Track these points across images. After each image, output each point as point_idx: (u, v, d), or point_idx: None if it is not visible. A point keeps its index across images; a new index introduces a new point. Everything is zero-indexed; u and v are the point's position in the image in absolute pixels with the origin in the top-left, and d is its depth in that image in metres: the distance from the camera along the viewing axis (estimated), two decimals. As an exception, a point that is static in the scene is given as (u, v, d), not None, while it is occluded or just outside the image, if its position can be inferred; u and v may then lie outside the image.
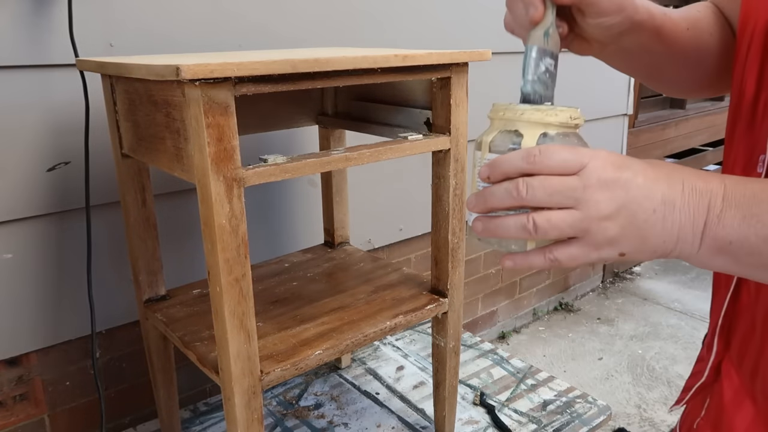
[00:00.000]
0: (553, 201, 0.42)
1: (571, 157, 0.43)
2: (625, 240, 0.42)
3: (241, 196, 0.77)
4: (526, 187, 0.43)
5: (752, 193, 0.40)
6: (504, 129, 0.49)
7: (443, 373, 1.16)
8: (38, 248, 1.16)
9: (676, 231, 0.42)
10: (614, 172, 0.42)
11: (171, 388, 1.16)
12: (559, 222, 0.42)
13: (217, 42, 1.29)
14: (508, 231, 0.44)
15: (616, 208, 0.41)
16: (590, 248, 0.43)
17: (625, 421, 1.98)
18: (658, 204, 0.42)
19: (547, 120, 0.48)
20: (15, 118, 1.08)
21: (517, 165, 0.43)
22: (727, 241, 0.40)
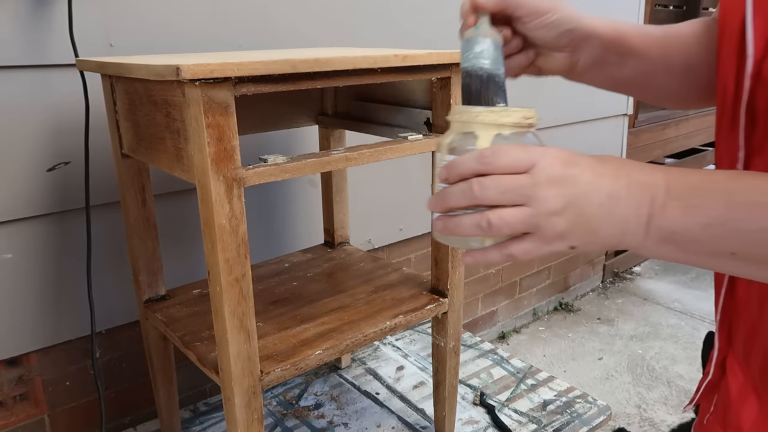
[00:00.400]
0: (506, 199, 0.44)
1: (521, 156, 0.45)
2: (574, 234, 0.44)
3: (241, 196, 0.77)
4: (479, 187, 0.45)
5: (693, 184, 0.42)
6: (461, 131, 0.51)
7: (443, 373, 1.16)
8: (38, 248, 1.16)
9: (622, 223, 0.44)
10: (563, 169, 0.44)
11: (171, 388, 1.16)
12: (511, 219, 0.44)
13: (218, 42, 1.29)
14: (465, 229, 0.46)
15: (564, 203, 0.43)
16: (542, 242, 0.45)
17: (625, 421, 1.98)
18: (604, 198, 0.43)
19: (500, 121, 0.49)
20: (15, 118, 1.08)
21: (471, 166, 0.46)
22: (671, 231, 0.42)
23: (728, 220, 0.40)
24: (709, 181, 0.42)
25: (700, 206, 0.41)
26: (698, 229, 0.41)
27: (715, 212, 0.41)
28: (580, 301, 2.75)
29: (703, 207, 0.41)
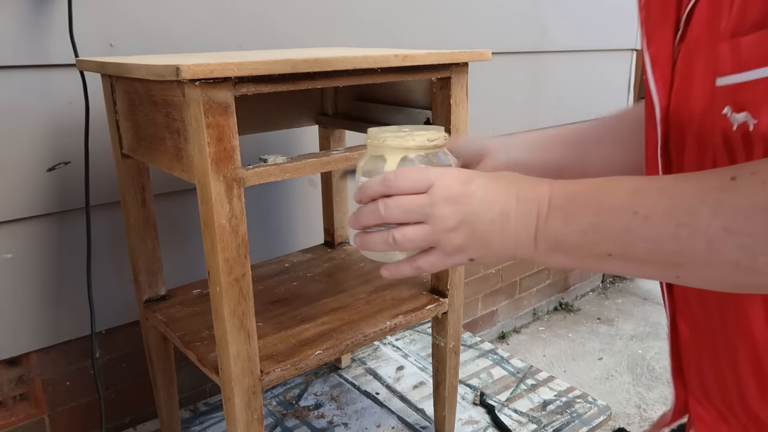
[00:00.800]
0: (407, 218, 0.49)
1: (419, 177, 0.49)
2: (470, 247, 0.49)
3: (241, 196, 0.77)
4: (384, 208, 0.50)
5: (570, 194, 0.46)
6: (373, 154, 0.57)
7: (443, 373, 1.16)
8: (38, 248, 1.16)
9: (513, 238, 0.47)
10: (458, 188, 0.48)
11: (171, 388, 1.16)
12: (413, 236, 0.49)
13: (218, 42, 1.29)
14: (375, 245, 0.52)
15: (459, 220, 0.48)
16: (444, 256, 0.50)
17: (625, 421, 1.98)
18: (495, 215, 0.48)
19: (405, 144, 0.55)
20: (15, 118, 1.08)
21: (377, 188, 0.51)
22: (555, 241, 0.46)
23: (599, 225, 0.43)
24: (583, 190, 0.46)
25: (576, 215, 0.45)
26: (577, 236, 0.44)
27: (588, 218, 0.44)
28: (580, 301, 2.75)
29: (578, 215, 0.45)
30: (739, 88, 0.42)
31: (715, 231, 0.38)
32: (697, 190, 0.40)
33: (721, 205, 0.38)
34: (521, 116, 2.07)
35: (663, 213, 0.40)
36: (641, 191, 0.42)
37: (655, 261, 0.42)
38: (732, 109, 0.42)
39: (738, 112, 0.42)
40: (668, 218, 0.40)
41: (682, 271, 0.41)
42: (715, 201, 0.38)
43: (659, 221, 0.40)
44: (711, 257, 0.39)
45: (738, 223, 0.37)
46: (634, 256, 0.43)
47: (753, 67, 0.40)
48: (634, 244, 0.42)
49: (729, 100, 0.42)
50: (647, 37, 0.53)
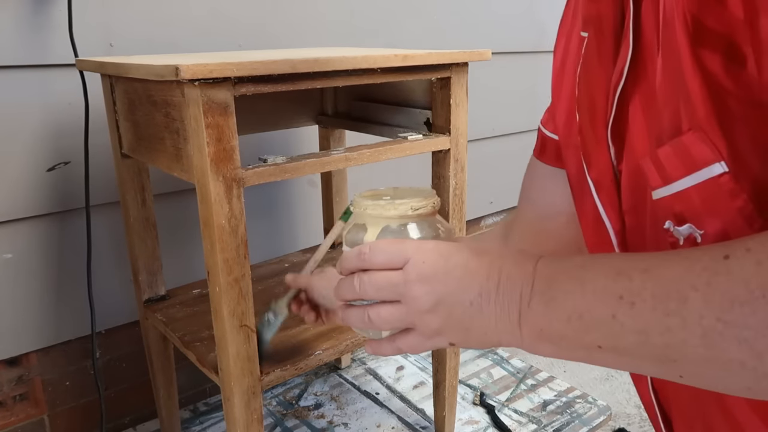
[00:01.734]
0: (381, 296, 0.45)
1: (394, 252, 0.45)
2: (449, 331, 0.44)
3: (240, 196, 0.77)
4: (359, 283, 0.46)
5: (553, 275, 0.40)
6: (356, 222, 0.53)
7: (443, 373, 1.16)
8: (38, 248, 1.16)
9: (494, 322, 0.42)
10: (434, 265, 0.43)
11: (171, 388, 1.16)
12: (387, 316, 0.45)
13: (217, 42, 1.29)
14: (353, 322, 0.48)
15: (434, 302, 0.43)
16: (423, 338, 0.45)
17: (625, 421, 1.98)
18: (474, 296, 0.42)
19: (386, 214, 0.50)
20: (15, 118, 1.08)
21: (353, 262, 0.47)
22: (539, 329, 0.40)
23: (584, 312, 0.37)
24: (566, 269, 0.40)
25: (558, 299, 0.39)
26: (560, 324, 0.39)
27: (571, 303, 0.38)
28: (581, 301, 2.75)
29: (560, 299, 0.39)
30: (672, 201, 0.38)
31: (709, 322, 0.32)
32: (686, 271, 0.34)
33: (713, 290, 0.32)
34: (521, 116, 2.07)
35: (650, 299, 0.34)
36: (626, 272, 0.36)
37: (649, 356, 0.36)
38: (674, 223, 0.39)
39: (680, 225, 0.39)
40: (656, 305, 0.34)
41: (681, 369, 0.35)
42: (705, 285, 0.33)
43: (646, 309, 0.35)
44: (709, 354, 0.33)
45: (734, 314, 0.31)
46: (626, 350, 0.36)
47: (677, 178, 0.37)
48: (622, 336, 0.36)
49: (668, 214, 0.39)
50: (586, 162, 0.51)
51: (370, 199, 0.52)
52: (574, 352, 0.40)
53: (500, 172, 2.03)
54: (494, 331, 0.42)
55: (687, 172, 0.37)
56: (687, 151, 0.36)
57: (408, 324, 0.45)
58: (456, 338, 0.44)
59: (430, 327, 0.44)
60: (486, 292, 0.42)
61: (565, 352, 0.40)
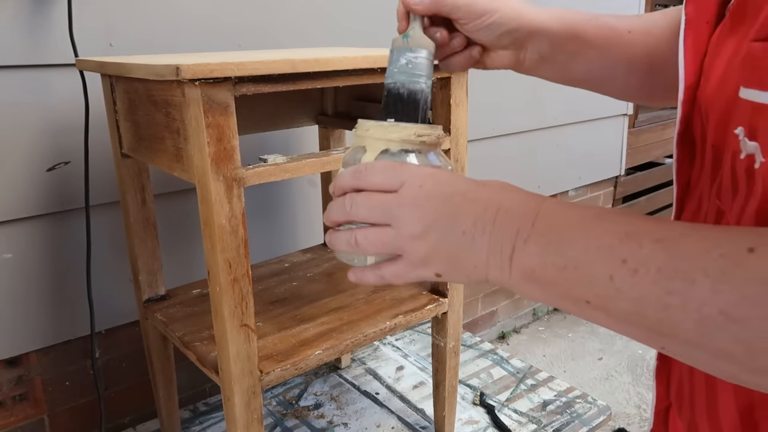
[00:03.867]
0: (373, 217, 0.43)
1: (391, 173, 0.43)
2: (436, 260, 0.42)
3: (241, 196, 0.77)
4: (351, 203, 0.43)
5: (559, 220, 0.38)
6: (356, 145, 0.51)
7: (443, 373, 1.16)
8: (38, 248, 1.16)
9: (485, 255, 0.40)
10: (431, 190, 0.41)
11: (171, 388, 1.16)
12: (375, 239, 0.43)
13: (217, 42, 1.29)
14: (339, 245, 0.45)
15: (424, 227, 0.41)
16: (409, 267, 0.43)
17: (625, 421, 1.98)
18: (468, 226, 0.40)
19: (388, 136, 0.48)
20: (15, 118, 1.08)
21: (348, 181, 0.44)
22: (530, 269, 0.38)
23: (581, 264, 0.36)
24: (575, 217, 0.38)
25: (558, 245, 0.37)
26: (554, 270, 0.37)
27: (571, 253, 0.36)
28: (580, 301, 2.75)
29: (561, 246, 0.37)
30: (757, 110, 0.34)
31: (709, 312, 0.31)
32: (703, 252, 0.32)
33: (725, 281, 0.30)
34: (521, 116, 2.07)
35: (654, 272, 0.33)
36: (637, 236, 0.34)
37: (636, 323, 0.35)
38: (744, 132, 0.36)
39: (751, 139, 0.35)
40: (659, 280, 0.32)
41: (667, 343, 0.34)
42: (719, 273, 0.31)
43: (647, 281, 0.33)
44: (700, 340, 0.32)
45: (740, 310, 0.30)
46: (614, 312, 0.35)
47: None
48: (614, 299, 0.35)
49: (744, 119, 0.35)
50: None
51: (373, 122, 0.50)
52: (560, 300, 0.38)
53: (500, 172, 2.03)
54: (484, 264, 0.40)
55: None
56: None
57: (396, 250, 0.43)
58: (443, 268, 0.42)
59: (418, 254, 0.42)
60: (481, 222, 0.40)
61: (551, 298, 0.39)
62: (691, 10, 0.44)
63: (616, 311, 0.35)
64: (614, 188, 2.71)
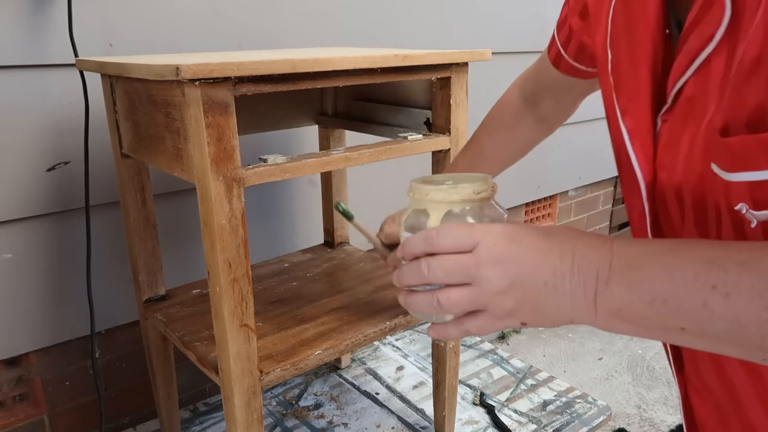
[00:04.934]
0: (451, 279, 0.45)
1: (464, 235, 0.45)
2: (522, 311, 0.44)
3: (240, 195, 0.77)
4: (427, 267, 0.46)
5: (635, 258, 0.41)
6: (416, 208, 0.53)
7: (443, 373, 1.16)
8: (38, 248, 1.16)
9: (569, 301, 0.43)
10: (505, 247, 0.44)
11: (171, 388, 1.16)
12: (458, 299, 0.45)
13: (217, 42, 1.29)
14: (420, 307, 0.48)
15: (508, 283, 0.43)
16: (494, 319, 0.45)
17: (625, 421, 1.98)
18: (549, 276, 0.43)
19: (449, 198, 0.51)
20: (15, 118, 1.08)
21: (420, 246, 0.47)
22: (617, 308, 0.41)
23: (669, 297, 0.38)
24: (650, 253, 0.41)
25: (642, 282, 0.40)
26: (642, 305, 0.40)
27: (656, 287, 0.39)
28: (580, 301, 2.75)
29: (645, 282, 0.40)
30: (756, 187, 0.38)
31: None
32: None
33: None
34: (521, 116, 2.06)
35: (747, 292, 0.35)
36: (719, 262, 0.37)
37: (738, 342, 0.37)
38: (749, 207, 0.39)
39: (758, 210, 0.39)
40: (753, 299, 0.35)
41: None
42: None
43: (741, 301, 0.36)
44: None
45: None
46: (713, 335, 0.38)
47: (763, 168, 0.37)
48: (712, 323, 0.37)
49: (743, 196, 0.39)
50: (620, 107, 0.51)
51: (429, 185, 0.52)
52: (652, 331, 0.41)
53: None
54: (568, 310, 0.43)
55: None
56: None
57: (478, 306, 0.45)
58: (528, 318, 0.45)
59: (503, 308, 0.44)
60: (560, 272, 0.43)
61: (643, 330, 0.41)
62: (630, 123, 0.50)
63: (713, 333, 0.38)
64: (614, 188, 2.71)
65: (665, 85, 0.47)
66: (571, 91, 0.78)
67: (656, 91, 0.48)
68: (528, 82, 0.82)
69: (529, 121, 0.83)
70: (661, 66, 0.48)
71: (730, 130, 0.38)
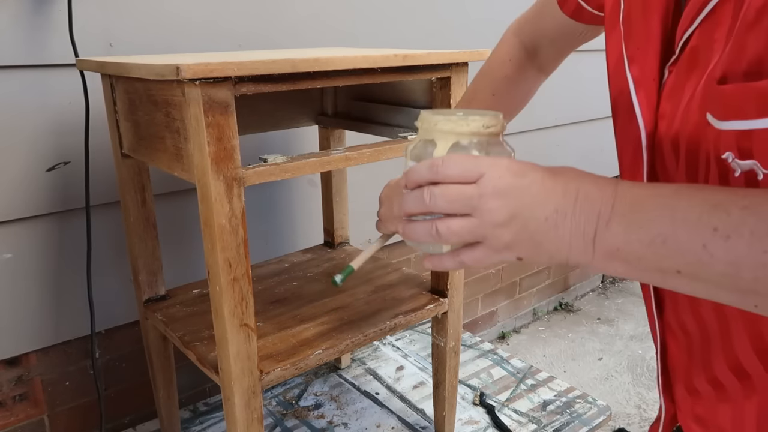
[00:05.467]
0: (453, 208, 0.45)
1: (469, 166, 0.45)
2: (519, 245, 0.44)
3: (241, 195, 0.77)
4: (429, 196, 0.46)
5: (638, 199, 0.41)
6: (423, 138, 0.52)
7: (443, 373, 1.16)
8: (38, 248, 1.16)
9: (568, 239, 0.43)
10: (510, 180, 0.44)
11: (171, 388, 1.16)
12: (457, 229, 0.45)
13: (217, 42, 1.29)
14: (418, 236, 0.48)
15: (508, 215, 0.43)
16: (491, 252, 0.46)
17: (625, 421, 1.98)
18: (550, 212, 0.43)
19: (458, 130, 0.50)
20: (15, 118, 1.08)
21: (424, 175, 0.47)
22: (615, 248, 0.41)
23: (669, 238, 0.39)
24: (654, 195, 0.41)
25: (643, 222, 0.40)
26: (641, 246, 0.40)
27: (657, 228, 0.39)
28: (580, 301, 2.75)
29: (646, 223, 0.40)
30: (743, 136, 0.39)
31: None
32: None
33: None
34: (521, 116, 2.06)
35: (748, 235, 0.36)
36: (724, 206, 0.37)
37: (732, 287, 0.38)
38: (735, 156, 0.40)
39: (743, 159, 0.39)
40: (753, 242, 0.36)
41: (762, 301, 0.37)
42: None
43: (743, 244, 0.36)
44: None
45: None
46: (708, 278, 0.38)
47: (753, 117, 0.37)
48: (709, 265, 0.38)
49: (730, 145, 0.40)
50: (628, 56, 0.51)
51: (439, 115, 0.51)
52: (647, 273, 0.41)
53: (500, 173, 2.02)
54: (566, 247, 0.43)
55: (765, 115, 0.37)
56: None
57: (477, 237, 0.45)
58: (525, 253, 0.45)
59: (502, 241, 0.44)
60: (562, 209, 0.43)
61: (637, 272, 0.42)
62: (636, 72, 0.50)
63: (708, 276, 0.38)
64: (614, 188, 2.71)
65: (674, 37, 0.47)
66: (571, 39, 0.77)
67: (665, 41, 0.48)
68: (526, 29, 0.81)
69: (531, 72, 0.83)
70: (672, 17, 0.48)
71: (728, 79, 0.38)
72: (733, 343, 0.48)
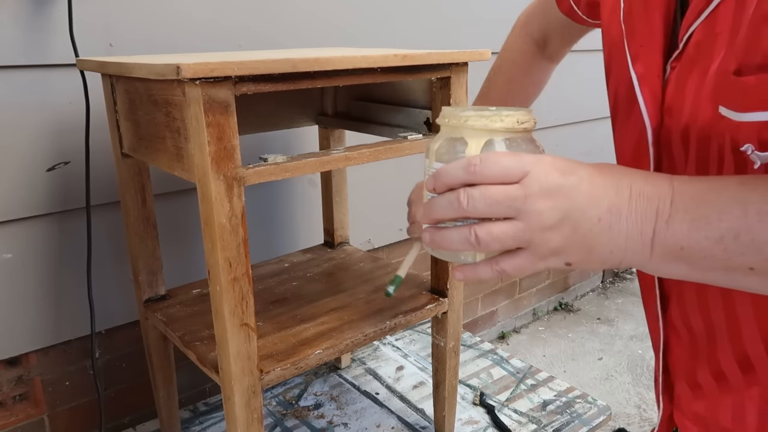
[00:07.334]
0: (494, 212, 0.41)
1: (512, 164, 0.41)
2: (570, 250, 0.41)
3: (241, 195, 0.77)
4: (467, 199, 0.41)
5: (701, 193, 0.38)
6: (450, 136, 0.48)
7: (443, 373, 1.16)
8: (38, 248, 1.16)
9: (623, 240, 0.40)
10: (558, 179, 0.40)
11: (171, 388, 1.16)
12: (500, 234, 0.41)
13: (217, 42, 1.29)
14: (452, 244, 0.43)
15: (558, 218, 0.40)
16: (536, 258, 0.42)
17: (625, 421, 1.98)
18: (603, 212, 0.40)
19: (491, 126, 0.45)
20: (15, 118, 1.08)
21: (459, 175, 0.42)
22: (678, 247, 0.39)
23: (742, 233, 0.36)
24: (718, 188, 0.38)
25: (710, 218, 0.37)
26: (709, 243, 0.37)
27: (727, 224, 0.37)
28: (580, 301, 2.75)
29: (714, 219, 0.37)
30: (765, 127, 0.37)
31: None
32: None
33: None
34: (521, 116, 2.06)
35: None
36: None
37: None
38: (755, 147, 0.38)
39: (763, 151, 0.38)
40: None
41: None
42: None
43: None
44: None
45: None
46: None
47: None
48: None
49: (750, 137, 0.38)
50: (632, 53, 0.50)
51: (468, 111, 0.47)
52: (710, 272, 0.39)
53: (500, 173, 2.02)
54: (621, 250, 0.40)
55: None
56: None
57: (521, 243, 0.41)
58: (575, 258, 0.41)
59: (549, 246, 0.41)
60: (616, 208, 0.39)
61: (699, 272, 0.39)
62: (640, 69, 0.49)
63: None
64: (614, 188, 2.71)
65: (676, 31, 0.47)
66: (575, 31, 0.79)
67: (668, 37, 0.48)
68: (533, 23, 0.83)
69: (542, 63, 0.85)
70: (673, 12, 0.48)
71: (743, 71, 0.37)
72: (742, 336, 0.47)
